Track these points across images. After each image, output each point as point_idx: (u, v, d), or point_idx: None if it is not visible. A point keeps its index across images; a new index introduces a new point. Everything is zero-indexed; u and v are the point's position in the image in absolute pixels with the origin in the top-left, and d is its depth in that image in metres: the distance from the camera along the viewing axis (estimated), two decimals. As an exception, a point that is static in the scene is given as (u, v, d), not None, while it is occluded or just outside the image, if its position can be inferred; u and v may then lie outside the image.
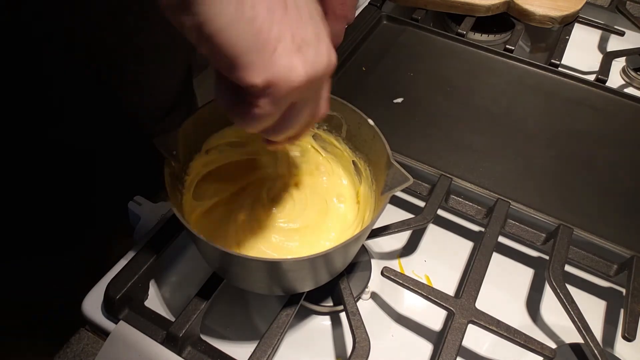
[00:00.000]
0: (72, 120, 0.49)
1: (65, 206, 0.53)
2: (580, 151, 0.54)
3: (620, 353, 0.42)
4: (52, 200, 0.52)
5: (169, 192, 0.35)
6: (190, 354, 0.37)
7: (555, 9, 0.69)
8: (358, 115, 0.41)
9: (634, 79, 0.69)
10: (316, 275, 0.38)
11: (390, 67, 0.62)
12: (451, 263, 0.48)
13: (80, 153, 0.51)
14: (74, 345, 0.40)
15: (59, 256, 0.54)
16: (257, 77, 0.24)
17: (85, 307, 0.41)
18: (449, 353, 0.37)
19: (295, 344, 0.41)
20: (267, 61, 0.23)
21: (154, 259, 0.41)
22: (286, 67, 0.24)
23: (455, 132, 0.55)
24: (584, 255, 0.46)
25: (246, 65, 0.23)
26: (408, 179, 0.36)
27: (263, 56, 0.23)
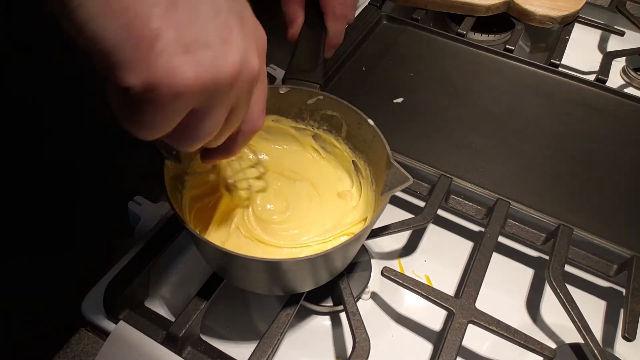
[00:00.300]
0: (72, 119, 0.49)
1: (65, 206, 0.53)
2: (580, 151, 0.54)
3: (620, 353, 0.42)
4: (52, 199, 0.52)
5: (168, 192, 0.35)
6: (190, 354, 0.37)
7: (555, 9, 0.69)
8: (358, 115, 0.41)
9: (634, 79, 0.69)
10: (316, 275, 0.38)
11: (390, 67, 0.62)
12: (451, 263, 0.48)
13: (80, 152, 0.51)
14: (74, 346, 0.40)
15: (59, 256, 0.54)
16: (134, 78, 0.21)
17: (85, 307, 0.41)
18: (449, 353, 0.37)
19: (295, 344, 0.41)
20: (144, 60, 0.21)
21: (154, 259, 0.41)
22: (167, 68, 0.21)
23: (455, 132, 0.55)
24: (584, 255, 0.46)
25: (121, 63, 0.21)
26: (408, 178, 0.35)
27: (138, 54, 0.21)
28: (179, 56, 0.21)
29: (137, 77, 0.21)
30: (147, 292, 0.43)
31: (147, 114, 0.23)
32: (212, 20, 0.22)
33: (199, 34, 0.22)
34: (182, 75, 0.21)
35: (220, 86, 0.23)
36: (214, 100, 0.24)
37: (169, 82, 0.21)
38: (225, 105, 0.25)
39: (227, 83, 0.24)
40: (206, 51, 0.22)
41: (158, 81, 0.21)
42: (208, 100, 0.24)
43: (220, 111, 0.25)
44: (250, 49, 0.25)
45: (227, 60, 0.23)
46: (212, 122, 0.25)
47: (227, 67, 0.23)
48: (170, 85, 0.21)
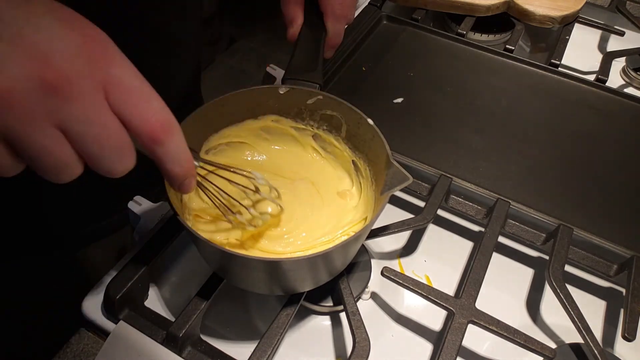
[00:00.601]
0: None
1: (65, 206, 0.53)
2: (580, 151, 0.54)
3: (620, 353, 0.42)
4: (52, 200, 0.52)
5: (168, 192, 0.35)
6: (190, 354, 0.37)
7: (555, 9, 0.69)
8: (358, 115, 0.41)
9: (634, 79, 0.69)
10: (316, 274, 0.38)
11: (390, 67, 0.62)
12: (451, 263, 0.48)
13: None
14: (74, 345, 0.40)
15: (58, 255, 0.54)
16: None
17: (85, 307, 0.41)
18: (449, 353, 0.37)
19: (295, 344, 0.41)
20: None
21: (154, 259, 0.41)
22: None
23: (455, 132, 0.55)
24: (584, 255, 0.46)
25: None
26: (408, 178, 0.35)
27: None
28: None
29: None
30: (147, 292, 0.43)
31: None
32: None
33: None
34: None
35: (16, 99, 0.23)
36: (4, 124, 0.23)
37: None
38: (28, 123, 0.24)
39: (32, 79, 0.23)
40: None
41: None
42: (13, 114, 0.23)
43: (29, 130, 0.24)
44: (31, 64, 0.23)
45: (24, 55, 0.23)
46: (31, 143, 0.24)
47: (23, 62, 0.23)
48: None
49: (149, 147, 0.28)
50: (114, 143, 0.26)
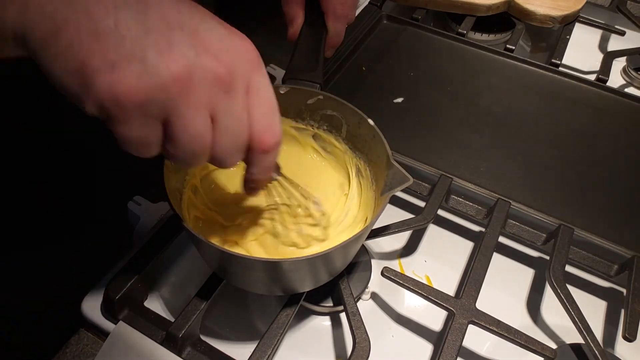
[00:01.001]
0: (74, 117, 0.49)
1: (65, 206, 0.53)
2: (581, 151, 0.54)
3: (620, 353, 0.42)
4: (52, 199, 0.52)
5: (167, 191, 0.35)
6: (190, 354, 0.37)
7: (556, 9, 0.69)
8: (358, 115, 0.41)
9: (634, 79, 0.69)
10: (316, 275, 0.38)
11: (390, 67, 0.62)
12: (451, 263, 0.48)
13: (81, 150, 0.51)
14: (74, 346, 0.40)
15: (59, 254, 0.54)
16: (90, 106, 0.24)
17: (84, 308, 0.41)
18: (449, 353, 0.37)
19: (295, 344, 0.41)
20: (88, 87, 0.24)
21: (154, 259, 0.41)
22: (104, 86, 0.24)
23: (455, 132, 0.55)
24: (585, 256, 0.45)
25: (78, 97, 0.25)
26: (408, 179, 0.35)
27: (83, 84, 0.24)
28: (107, 74, 0.24)
29: (90, 103, 0.24)
30: (147, 292, 0.43)
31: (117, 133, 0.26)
32: (140, 41, 0.25)
33: (125, 52, 0.24)
34: (117, 88, 0.24)
35: (167, 90, 0.25)
36: (170, 104, 0.25)
37: (109, 96, 0.24)
38: (188, 109, 0.26)
39: (176, 85, 0.25)
40: (135, 64, 0.24)
41: (102, 101, 0.24)
42: (164, 105, 0.25)
43: (192, 114, 0.26)
44: (204, 54, 0.26)
45: (165, 66, 0.25)
46: (188, 126, 0.26)
47: (167, 72, 0.25)
48: (112, 99, 0.24)
49: (256, 153, 0.30)
50: (242, 141, 0.29)
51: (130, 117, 0.25)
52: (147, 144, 0.27)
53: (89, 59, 0.24)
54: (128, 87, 0.24)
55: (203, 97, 0.26)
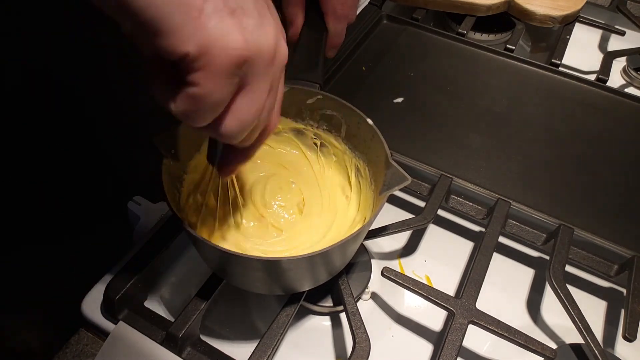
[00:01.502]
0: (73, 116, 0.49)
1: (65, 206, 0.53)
2: (581, 151, 0.54)
3: (620, 353, 0.42)
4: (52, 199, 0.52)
5: (166, 191, 0.35)
6: (190, 354, 0.37)
7: (556, 9, 0.69)
8: (357, 115, 0.41)
9: (634, 79, 0.69)
10: (315, 274, 0.38)
11: (390, 67, 0.62)
12: (451, 263, 0.48)
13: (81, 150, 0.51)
14: (74, 346, 0.40)
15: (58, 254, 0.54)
16: (188, 44, 0.21)
17: (84, 308, 0.41)
18: (449, 353, 0.37)
19: (295, 344, 0.41)
20: (195, 24, 0.21)
21: (154, 259, 0.41)
22: (219, 30, 0.22)
23: (455, 132, 0.55)
24: (585, 256, 0.45)
25: (172, 30, 0.21)
26: (406, 178, 0.35)
27: (190, 18, 0.21)
28: (226, 19, 0.22)
29: (191, 42, 0.21)
30: (147, 292, 0.43)
31: (202, 85, 0.23)
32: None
33: (241, 3, 0.23)
34: (232, 37, 0.22)
35: (263, 56, 0.24)
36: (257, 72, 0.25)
37: (221, 44, 0.22)
38: (266, 82, 0.26)
39: (269, 55, 0.25)
40: (249, 18, 0.23)
41: (211, 44, 0.22)
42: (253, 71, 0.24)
43: (263, 87, 0.26)
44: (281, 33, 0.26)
45: (268, 31, 0.24)
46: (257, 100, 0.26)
47: (268, 38, 0.24)
48: (223, 48, 0.22)
49: (268, 132, 0.31)
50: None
51: (222, 72, 0.23)
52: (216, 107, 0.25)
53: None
54: (241, 38, 0.22)
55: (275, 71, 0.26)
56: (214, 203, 0.41)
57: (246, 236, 0.40)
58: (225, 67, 0.23)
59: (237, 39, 0.22)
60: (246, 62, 0.23)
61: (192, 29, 0.21)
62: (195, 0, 0.21)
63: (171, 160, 0.37)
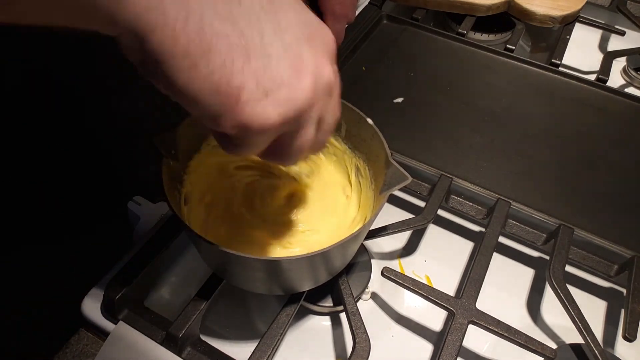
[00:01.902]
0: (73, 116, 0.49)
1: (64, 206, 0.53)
2: (581, 151, 0.54)
3: (620, 353, 0.42)
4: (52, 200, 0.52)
5: (166, 191, 0.35)
6: (190, 354, 0.37)
7: (556, 9, 0.69)
8: (357, 115, 0.41)
9: (634, 79, 0.69)
10: (315, 273, 0.38)
11: (390, 67, 0.62)
12: (451, 263, 0.47)
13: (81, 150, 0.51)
14: (74, 346, 0.40)
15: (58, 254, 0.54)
16: (227, 126, 0.24)
17: (84, 308, 0.41)
18: (449, 353, 0.37)
19: (295, 344, 0.41)
20: (233, 110, 0.24)
21: (154, 259, 0.41)
22: (253, 114, 0.24)
23: (455, 132, 0.55)
24: (585, 256, 0.45)
25: (216, 116, 0.24)
26: (406, 177, 0.35)
27: (228, 106, 0.23)
28: (261, 101, 0.24)
29: (230, 125, 0.24)
30: (147, 292, 0.43)
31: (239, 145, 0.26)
32: (283, 59, 0.25)
33: (274, 76, 0.24)
34: (266, 117, 0.24)
35: (300, 112, 0.26)
36: (299, 122, 0.27)
37: (257, 124, 0.24)
38: (313, 121, 0.27)
39: (306, 107, 0.26)
40: (282, 89, 0.24)
41: (248, 125, 0.24)
42: (291, 126, 0.26)
43: (310, 128, 0.27)
44: (322, 62, 0.27)
45: (302, 87, 0.25)
46: (303, 139, 0.28)
47: (303, 93, 0.25)
48: (258, 126, 0.24)
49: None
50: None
51: (262, 139, 0.26)
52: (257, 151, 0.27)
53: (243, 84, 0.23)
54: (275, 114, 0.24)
55: (320, 105, 0.27)
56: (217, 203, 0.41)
57: (246, 235, 0.40)
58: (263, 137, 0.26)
59: (269, 117, 0.24)
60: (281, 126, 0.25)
61: (230, 115, 0.24)
62: (232, 92, 0.23)
63: (171, 160, 0.37)
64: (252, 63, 0.23)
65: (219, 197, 0.43)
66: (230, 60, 0.23)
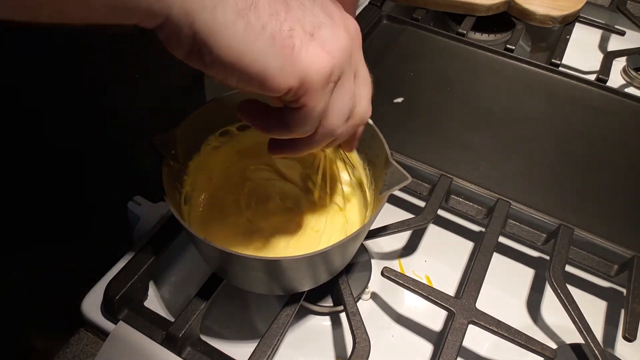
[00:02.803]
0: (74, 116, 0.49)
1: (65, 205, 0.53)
2: (581, 151, 0.54)
3: (620, 353, 0.42)
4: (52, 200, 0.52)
5: (166, 191, 0.35)
6: (190, 354, 0.37)
7: (556, 9, 0.69)
8: (358, 115, 0.41)
9: (634, 79, 0.69)
10: (315, 274, 0.38)
11: (390, 67, 0.62)
12: (451, 263, 0.47)
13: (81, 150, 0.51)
14: (74, 346, 0.40)
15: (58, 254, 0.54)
16: (291, 80, 0.24)
17: (84, 308, 0.41)
18: (449, 353, 0.37)
19: (295, 344, 0.41)
20: (291, 61, 0.24)
21: (154, 259, 0.41)
22: (310, 59, 0.24)
23: (455, 132, 0.55)
24: (585, 256, 0.45)
25: (275, 73, 0.24)
26: (406, 178, 0.35)
27: (287, 57, 0.24)
28: (311, 45, 0.25)
29: (292, 77, 0.24)
30: (147, 292, 0.43)
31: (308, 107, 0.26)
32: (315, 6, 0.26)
33: (313, 20, 0.25)
34: (320, 59, 0.25)
35: (346, 54, 0.26)
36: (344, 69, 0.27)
37: (315, 69, 0.25)
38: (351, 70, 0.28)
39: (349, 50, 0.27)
40: (323, 30, 0.25)
41: (307, 72, 0.25)
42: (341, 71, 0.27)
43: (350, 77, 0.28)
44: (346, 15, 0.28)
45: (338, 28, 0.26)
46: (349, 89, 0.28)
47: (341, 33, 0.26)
48: (317, 71, 0.25)
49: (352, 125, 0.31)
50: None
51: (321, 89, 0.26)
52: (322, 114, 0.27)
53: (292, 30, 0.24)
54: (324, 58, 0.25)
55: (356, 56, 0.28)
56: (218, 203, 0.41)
57: (246, 235, 0.40)
58: (322, 83, 0.26)
59: (324, 59, 0.25)
60: (335, 69, 0.26)
61: (291, 66, 0.24)
62: (286, 40, 0.24)
63: (171, 160, 0.37)
64: (292, 11, 0.24)
65: (219, 197, 0.43)
66: (275, 11, 0.24)
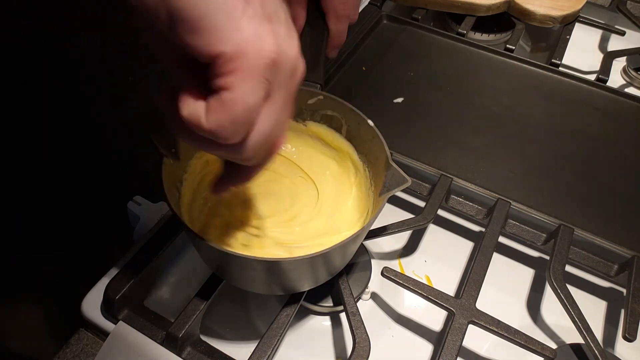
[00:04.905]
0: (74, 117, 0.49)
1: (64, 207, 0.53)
2: (581, 151, 0.54)
3: (620, 353, 0.42)
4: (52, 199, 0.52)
5: (166, 191, 0.35)
6: (190, 354, 0.37)
7: (556, 9, 0.69)
8: (358, 116, 0.41)
9: (634, 79, 0.69)
10: (315, 274, 0.38)
11: (390, 67, 0.62)
12: (451, 263, 0.48)
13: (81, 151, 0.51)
14: (74, 346, 0.40)
15: (59, 254, 0.54)
16: (225, 43, 0.21)
17: (84, 308, 0.41)
18: (449, 353, 0.37)
19: (295, 344, 0.41)
20: (235, 24, 0.21)
21: (154, 259, 0.41)
22: (256, 33, 0.22)
23: (455, 132, 0.55)
24: (585, 256, 0.45)
25: (212, 28, 0.21)
26: (406, 180, 0.35)
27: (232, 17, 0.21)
28: (264, 24, 0.22)
29: (228, 42, 0.21)
30: (147, 292, 0.43)
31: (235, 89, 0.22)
32: (279, 3, 0.24)
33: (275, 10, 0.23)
34: (267, 41, 0.22)
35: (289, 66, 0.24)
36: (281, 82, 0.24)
37: (257, 46, 0.22)
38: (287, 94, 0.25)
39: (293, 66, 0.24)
40: (281, 27, 0.23)
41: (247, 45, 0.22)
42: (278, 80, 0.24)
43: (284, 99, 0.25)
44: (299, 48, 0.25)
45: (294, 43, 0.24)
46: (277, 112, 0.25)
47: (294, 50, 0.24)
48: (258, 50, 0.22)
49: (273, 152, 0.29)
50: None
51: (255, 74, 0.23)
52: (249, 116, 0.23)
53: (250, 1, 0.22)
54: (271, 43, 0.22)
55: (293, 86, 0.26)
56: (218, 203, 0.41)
57: (246, 235, 0.40)
58: (258, 69, 0.23)
59: (271, 43, 0.23)
60: (275, 66, 0.23)
61: (232, 28, 0.21)
62: (238, 3, 0.22)
63: (171, 159, 0.37)
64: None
65: (219, 197, 0.43)
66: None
